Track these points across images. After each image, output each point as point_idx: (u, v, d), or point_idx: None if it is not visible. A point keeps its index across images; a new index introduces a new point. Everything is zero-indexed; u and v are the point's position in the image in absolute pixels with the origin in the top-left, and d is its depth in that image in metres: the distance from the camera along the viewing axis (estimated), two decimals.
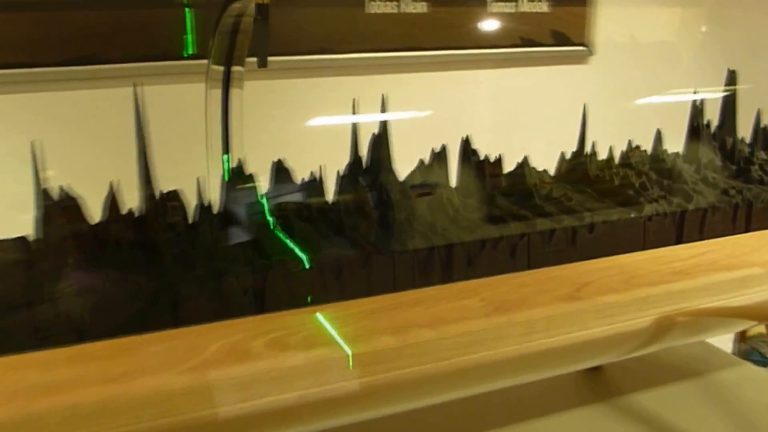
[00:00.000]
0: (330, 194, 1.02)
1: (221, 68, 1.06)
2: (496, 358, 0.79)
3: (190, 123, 1.06)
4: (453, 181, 1.08)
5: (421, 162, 1.06)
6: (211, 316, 0.78)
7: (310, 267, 0.84)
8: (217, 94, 1.07)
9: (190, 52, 1.41)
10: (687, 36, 2.50)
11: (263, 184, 1.01)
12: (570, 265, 0.96)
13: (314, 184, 0.98)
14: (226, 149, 1.09)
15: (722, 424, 1.08)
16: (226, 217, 0.91)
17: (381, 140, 1.05)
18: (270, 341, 0.74)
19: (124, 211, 0.89)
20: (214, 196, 0.95)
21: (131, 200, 0.90)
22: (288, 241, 0.88)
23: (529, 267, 0.95)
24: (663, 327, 0.88)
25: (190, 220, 0.90)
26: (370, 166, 1.04)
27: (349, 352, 0.72)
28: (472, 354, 0.77)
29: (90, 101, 1.68)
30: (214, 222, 0.90)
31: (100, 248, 0.84)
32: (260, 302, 0.82)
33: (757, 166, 1.22)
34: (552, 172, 1.19)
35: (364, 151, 1.03)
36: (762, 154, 1.30)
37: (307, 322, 0.79)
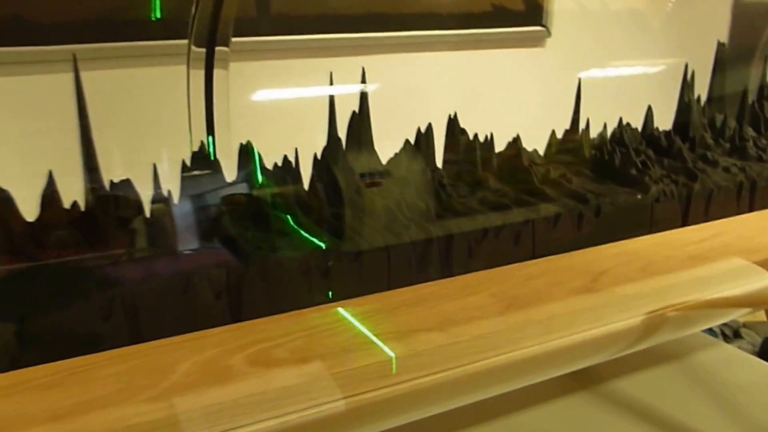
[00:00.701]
0: (306, 180, 0.90)
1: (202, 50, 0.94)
2: (512, 361, 0.69)
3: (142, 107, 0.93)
4: (439, 163, 0.98)
5: (407, 143, 0.94)
6: (178, 326, 0.65)
7: (287, 268, 0.72)
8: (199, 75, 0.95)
9: (158, 15, 1.24)
10: (650, 10, 2.46)
11: (231, 170, 0.88)
12: (578, 252, 0.87)
13: (287, 170, 0.86)
14: (211, 131, 0.96)
15: (703, 406, 1.01)
16: (199, 207, 0.77)
17: (362, 119, 0.93)
18: (252, 356, 0.62)
19: (67, 204, 0.75)
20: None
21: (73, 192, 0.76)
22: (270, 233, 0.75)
23: (534, 256, 0.86)
24: (686, 317, 0.80)
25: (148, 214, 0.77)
26: (350, 147, 0.92)
27: (350, 366, 0.61)
28: (486, 359, 0.66)
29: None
30: (173, 215, 0.77)
31: (36, 250, 0.70)
32: (236, 308, 0.69)
33: (751, 143, 1.16)
34: (538, 155, 1.10)
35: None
36: (751, 131, 1.24)
37: (293, 329, 0.67)
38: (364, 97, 0.93)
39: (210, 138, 0.95)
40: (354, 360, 0.61)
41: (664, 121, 1.25)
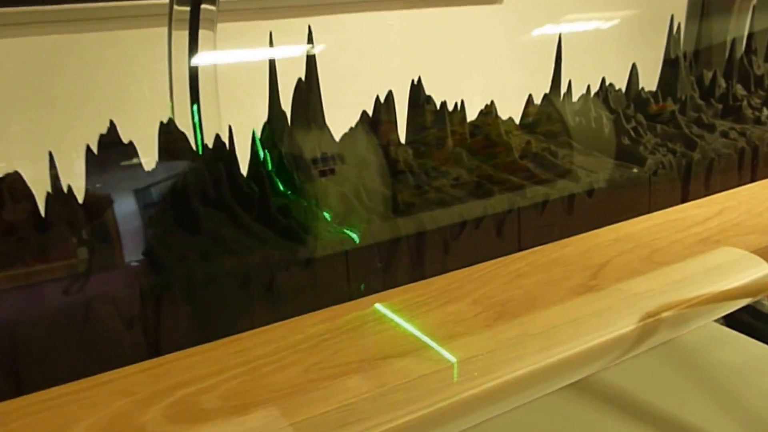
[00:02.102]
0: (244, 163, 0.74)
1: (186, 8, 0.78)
2: (506, 384, 0.56)
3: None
4: (402, 137, 0.83)
5: (364, 115, 0.79)
6: (75, 369, 0.50)
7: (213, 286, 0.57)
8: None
9: None
10: None
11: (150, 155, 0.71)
12: (570, 240, 0.74)
13: (220, 153, 0.70)
14: (195, 99, 0.80)
15: (690, 385, 0.91)
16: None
17: (309, 88, 0.78)
18: (173, 407, 0.47)
19: None
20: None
21: None
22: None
23: (520, 248, 0.72)
24: (699, 311, 0.68)
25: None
26: (296, 123, 0.76)
27: (303, 415, 0.46)
28: (475, 387, 0.53)
29: None
30: (73, 218, 0.60)
31: None
32: (154, 339, 0.54)
33: (746, 103, 1.05)
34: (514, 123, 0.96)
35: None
36: (741, 90, 1.13)
37: (228, 363, 0.52)
38: (311, 61, 0.77)
39: (195, 107, 0.81)
40: (305, 406, 0.47)
41: (644, 81, 1.12)
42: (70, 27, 1.15)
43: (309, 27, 0.77)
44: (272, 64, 0.76)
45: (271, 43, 0.76)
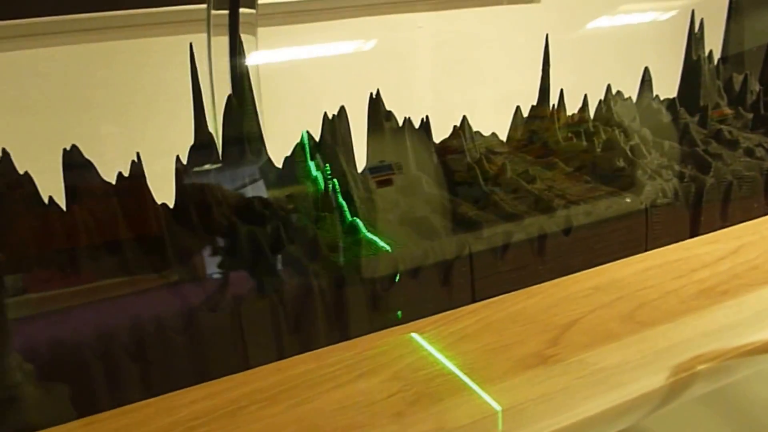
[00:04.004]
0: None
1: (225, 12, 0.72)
2: None
3: None
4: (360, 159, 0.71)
5: (306, 136, 0.68)
6: None
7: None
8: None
9: None
10: None
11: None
12: (539, 288, 0.61)
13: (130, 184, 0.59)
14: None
15: None
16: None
17: (242, 105, 0.67)
18: None
19: None
20: None
21: None
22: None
23: (474, 298, 0.60)
24: (692, 382, 0.54)
25: None
26: (228, 145, 0.66)
27: None
28: None
29: None
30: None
31: None
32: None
33: None
34: (505, 136, 0.83)
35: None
36: None
37: None
38: (242, 76, 0.66)
39: None
40: None
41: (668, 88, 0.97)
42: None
43: (240, 37, 0.66)
44: (194, 76, 0.66)
45: (192, 57, 0.66)
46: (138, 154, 0.55)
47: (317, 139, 0.67)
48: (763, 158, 0.76)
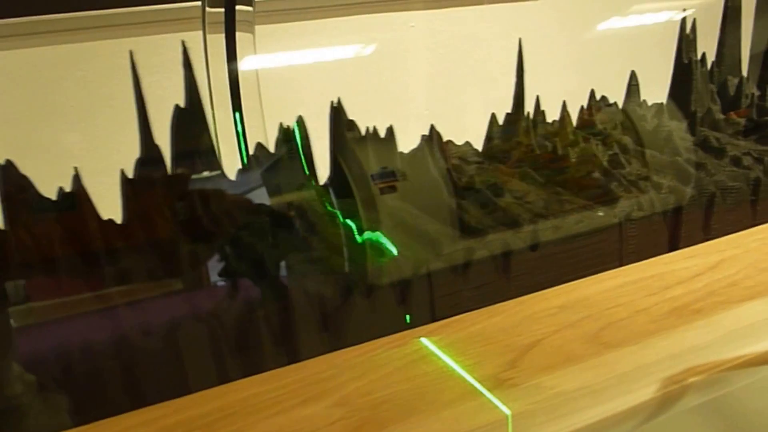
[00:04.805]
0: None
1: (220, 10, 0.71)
2: None
3: None
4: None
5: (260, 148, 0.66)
6: None
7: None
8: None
9: None
10: None
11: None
12: (503, 306, 0.59)
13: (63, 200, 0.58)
14: (237, 105, 0.72)
15: None
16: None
17: (193, 116, 0.65)
18: None
19: None
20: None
21: None
22: None
23: (434, 318, 0.58)
24: (655, 407, 0.51)
25: None
26: (180, 158, 0.64)
27: None
28: None
29: None
30: None
31: None
32: None
33: None
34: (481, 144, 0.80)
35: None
36: None
37: None
38: (191, 84, 0.65)
39: (237, 115, 0.72)
40: None
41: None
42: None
43: (183, 42, 0.64)
44: (137, 85, 0.64)
45: (132, 64, 0.64)
46: (76, 169, 0.54)
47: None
48: (750, 168, 0.73)
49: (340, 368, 0.51)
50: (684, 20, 0.91)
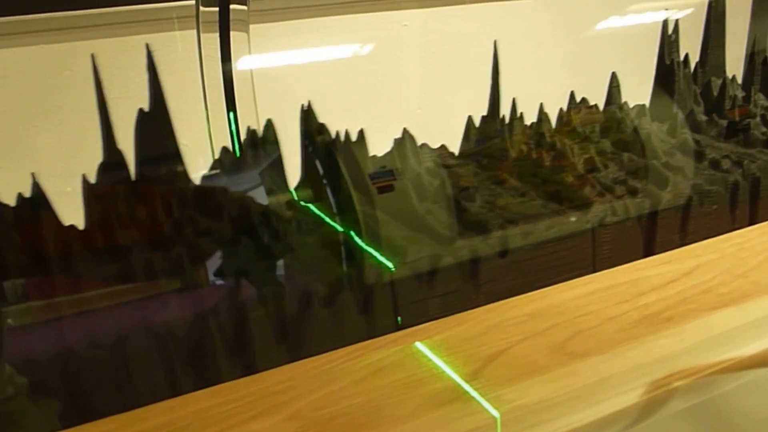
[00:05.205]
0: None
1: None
2: None
3: None
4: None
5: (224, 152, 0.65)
6: None
7: None
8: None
9: None
10: None
11: None
12: (470, 314, 0.57)
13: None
14: (231, 105, 0.71)
15: None
16: None
17: (157, 120, 0.64)
18: None
19: None
20: None
21: None
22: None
23: (399, 326, 0.56)
24: (619, 419, 0.49)
25: None
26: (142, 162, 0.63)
27: None
28: None
29: None
30: None
31: None
32: None
33: (759, 119, 0.83)
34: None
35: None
36: (764, 100, 0.91)
37: None
38: (156, 86, 0.63)
39: (231, 114, 0.71)
40: None
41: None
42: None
43: (147, 46, 0.63)
44: (99, 87, 0.63)
45: (94, 67, 0.63)
46: (33, 175, 0.52)
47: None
48: (729, 171, 0.72)
49: (296, 380, 0.50)
50: (666, 21, 0.90)
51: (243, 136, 0.69)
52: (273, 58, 1.07)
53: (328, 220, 0.63)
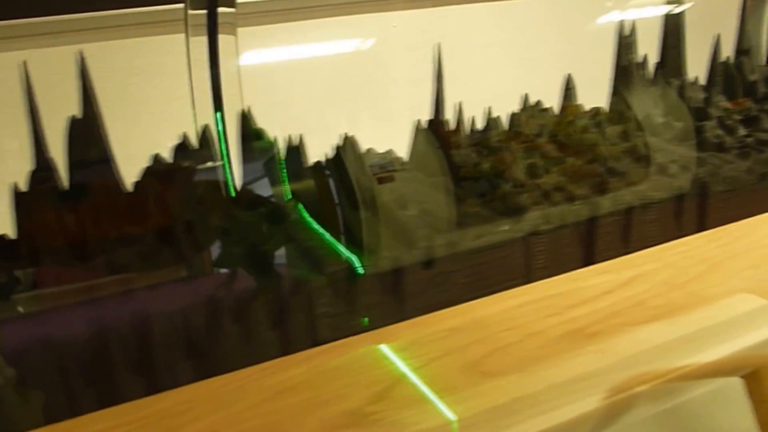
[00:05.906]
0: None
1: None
2: None
3: None
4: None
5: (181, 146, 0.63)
6: None
7: None
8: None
9: None
10: None
11: None
12: (389, 330, 0.55)
13: None
14: (219, 106, 0.70)
15: None
16: None
17: (88, 127, 0.62)
18: None
19: None
20: None
21: None
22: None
23: (314, 343, 0.54)
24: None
25: None
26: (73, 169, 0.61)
27: None
28: None
29: None
30: None
31: None
32: None
33: (715, 122, 0.81)
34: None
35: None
36: (723, 101, 0.89)
37: None
38: (88, 93, 0.62)
39: (218, 114, 0.70)
40: None
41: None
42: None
43: (80, 53, 0.61)
44: (30, 92, 0.61)
45: (26, 73, 0.61)
46: None
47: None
48: (675, 176, 0.70)
49: (199, 400, 0.48)
50: (622, 22, 0.88)
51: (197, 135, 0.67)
52: (263, 59, 1.07)
53: (254, 228, 0.61)
